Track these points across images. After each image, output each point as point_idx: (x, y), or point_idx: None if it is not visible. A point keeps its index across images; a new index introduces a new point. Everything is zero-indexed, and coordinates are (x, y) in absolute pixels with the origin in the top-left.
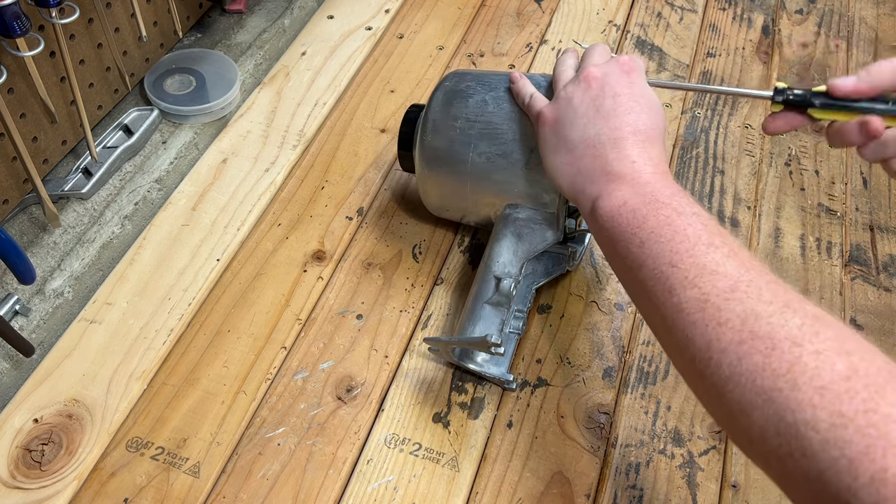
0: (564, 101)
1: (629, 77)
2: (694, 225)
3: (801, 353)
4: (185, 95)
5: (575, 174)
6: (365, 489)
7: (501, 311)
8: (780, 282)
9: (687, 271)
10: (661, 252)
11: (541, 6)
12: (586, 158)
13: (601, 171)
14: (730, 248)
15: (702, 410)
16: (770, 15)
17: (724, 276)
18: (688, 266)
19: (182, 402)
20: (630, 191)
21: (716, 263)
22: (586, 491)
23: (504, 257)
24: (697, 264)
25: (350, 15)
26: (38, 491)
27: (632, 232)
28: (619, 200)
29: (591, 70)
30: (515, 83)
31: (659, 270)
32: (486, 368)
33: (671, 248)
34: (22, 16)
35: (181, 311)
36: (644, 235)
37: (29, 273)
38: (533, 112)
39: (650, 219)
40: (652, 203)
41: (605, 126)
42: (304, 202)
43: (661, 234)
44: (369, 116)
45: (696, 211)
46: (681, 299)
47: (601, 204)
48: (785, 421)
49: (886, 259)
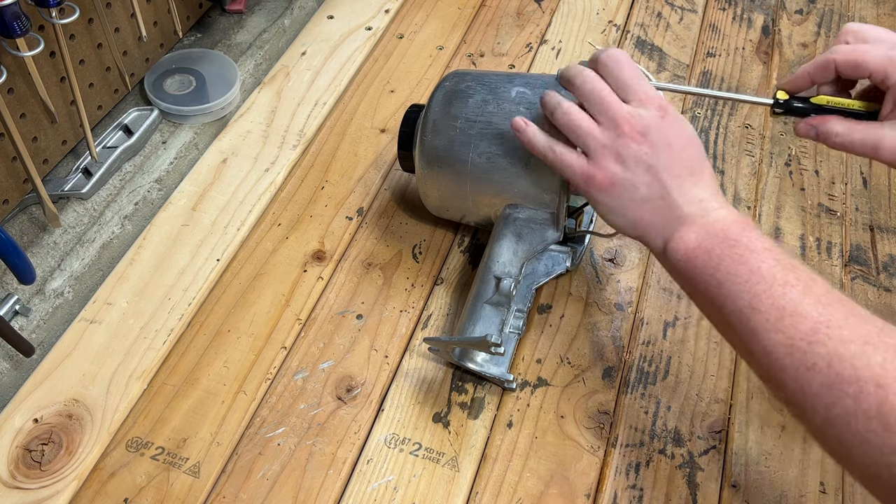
0: (614, 162)
1: (666, 118)
2: (767, 262)
3: (887, 394)
4: (185, 95)
5: (641, 222)
6: (365, 489)
7: (501, 311)
8: (856, 311)
9: (768, 314)
10: (740, 294)
11: (541, 6)
12: (654, 209)
13: (670, 216)
14: (804, 284)
15: (702, 410)
16: (770, 15)
17: (804, 317)
18: (767, 308)
19: (182, 402)
20: (702, 231)
21: (794, 304)
22: (586, 491)
23: (504, 257)
24: (777, 306)
25: (350, 15)
26: (38, 491)
27: (709, 273)
28: (692, 242)
29: (630, 122)
30: (523, 133)
31: (740, 312)
32: (486, 368)
33: (748, 289)
34: (22, 16)
35: (181, 311)
36: (721, 277)
37: (29, 273)
38: (570, 170)
39: (725, 259)
40: (724, 241)
41: (667, 176)
42: (304, 202)
43: (737, 274)
44: (369, 116)
45: (766, 246)
46: (766, 344)
47: (675, 247)
48: (886, 460)
49: (886, 259)
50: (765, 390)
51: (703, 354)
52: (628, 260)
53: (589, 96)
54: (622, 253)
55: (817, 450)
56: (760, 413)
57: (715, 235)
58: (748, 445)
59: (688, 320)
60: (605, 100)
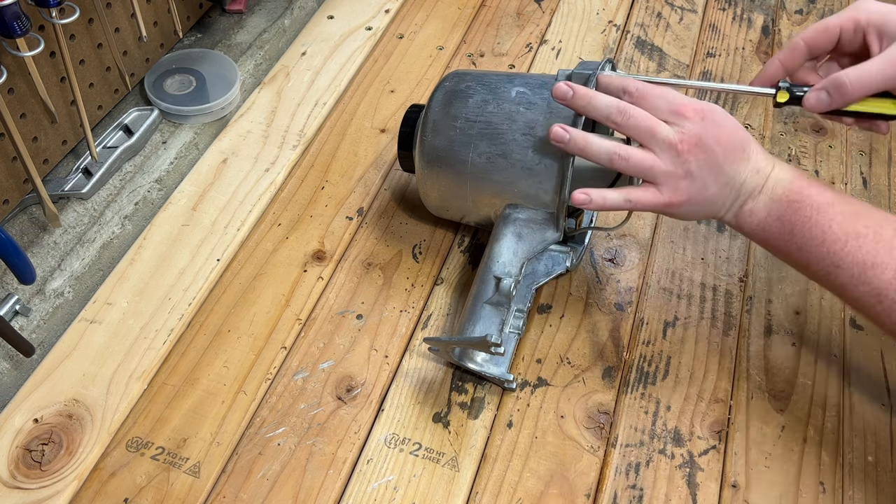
0: (683, 179)
1: (706, 118)
2: (836, 218)
3: None
4: (185, 95)
5: (713, 208)
6: (365, 489)
7: (501, 311)
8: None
9: (850, 270)
10: (821, 256)
11: (541, 6)
12: (722, 195)
13: (737, 195)
14: (873, 231)
15: (702, 410)
16: (770, 15)
17: (884, 267)
18: (849, 265)
19: (182, 402)
20: (767, 199)
21: (872, 256)
22: (586, 491)
23: (504, 257)
24: (857, 262)
25: (350, 15)
26: (38, 491)
27: (786, 239)
28: (761, 213)
29: (684, 141)
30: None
31: (825, 271)
32: (486, 368)
33: (827, 249)
34: (22, 16)
35: (181, 311)
36: (799, 241)
37: (29, 273)
38: (651, 207)
39: (797, 225)
40: (790, 205)
41: (727, 166)
42: (304, 202)
43: (812, 237)
44: (369, 116)
45: (828, 200)
46: (857, 295)
47: (745, 220)
48: None
49: None
50: (765, 390)
51: (703, 354)
52: (628, 260)
53: (639, 131)
54: (622, 253)
55: (817, 450)
56: (760, 413)
57: (779, 201)
58: (748, 445)
59: (688, 320)
60: (656, 131)
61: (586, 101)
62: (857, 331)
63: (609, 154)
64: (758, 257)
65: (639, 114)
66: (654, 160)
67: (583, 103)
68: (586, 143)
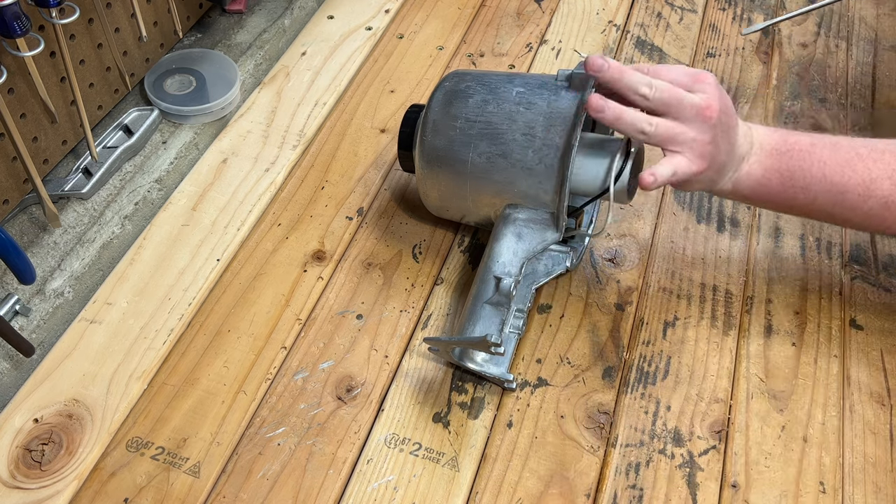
0: (709, 143)
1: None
2: (824, 154)
3: None
4: (185, 95)
5: (715, 176)
6: (365, 489)
7: (501, 311)
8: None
9: (856, 190)
10: (826, 188)
11: (541, 6)
12: (726, 162)
13: (737, 159)
14: (855, 153)
15: (702, 410)
16: (770, 15)
17: (881, 178)
18: (854, 186)
19: (182, 402)
20: (762, 156)
21: (868, 173)
22: (586, 491)
23: (504, 257)
24: (859, 182)
25: (350, 15)
26: (38, 491)
27: (788, 186)
28: (758, 171)
29: (711, 103)
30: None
31: (833, 200)
32: (486, 368)
33: (829, 181)
34: (22, 16)
35: (181, 311)
36: (802, 183)
37: (29, 273)
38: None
39: (795, 171)
40: (782, 156)
41: (732, 131)
42: (304, 202)
43: (812, 176)
44: (369, 116)
45: (809, 141)
46: (865, 210)
47: (744, 182)
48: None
49: (886, 259)
50: (765, 390)
51: (703, 354)
52: (628, 260)
53: (667, 101)
54: (622, 253)
55: (817, 450)
56: (760, 413)
57: (771, 155)
58: (748, 445)
59: (688, 320)
60: (683, 97)
61: (618, 74)
62: (857, 331)
63: (637, 125)
64: (758, 257)
65: (665, 85)
66: (681, 127)
67: (616, 75)
68: (621, 112)
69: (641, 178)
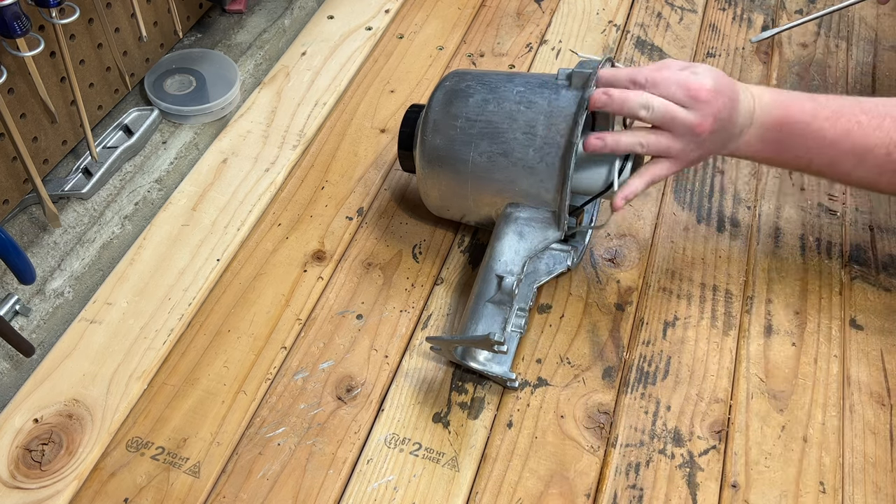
0: (697, 149)
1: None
2: (824, 126)
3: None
4: (185, 95)
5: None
6: (365, 489)
7: (504, 310)
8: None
9: (851, 159)
10: (821, 155)
11: (541, 6)
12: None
13: (736, 134)
14: (856, 122)
15: (702, 410)
16: (770, 15)
17: (876, 147)
18: (848, 155)
19: (182, 402)
20: (760, 129)
21: (863, 141)
22: (586, 491)
23: (506, 256)
24: (855, 151)
25: (350, 15)
26: (38, 491)
27: (784, 152)
28: (757, 143)
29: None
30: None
31: (827, 164)
32: (489, 367)
33: (826, 150)
34: (22, 16)
35: (181, 311)
36: (798, 152)
37: (29, 273)
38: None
39: (795, 140)
40: (782, 128)
41: (731, 123)
42: (304, 202)
43: (808, 146)
44: (369, 116)
45: (810, 111)
46: (858, 176)
47: (742, 151)
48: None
49: (886, 259)
50: (765, 390)
51: (703, 354)
52: (628, 260)
53: (661, 120)
54: (622, 253)
55: (817, 450)
56: (760, 413)
57: (771, 128)
58: (748, 445)
59: (688, 320)
60: (675, 116)
61: (619, 106)
62: (857, 331)
63: (634, 145)
64: (758, 257)
65: (659, 104)
66: (670, 141)
67: (617, 108)
68: (617, 141)
69: (614, 201)
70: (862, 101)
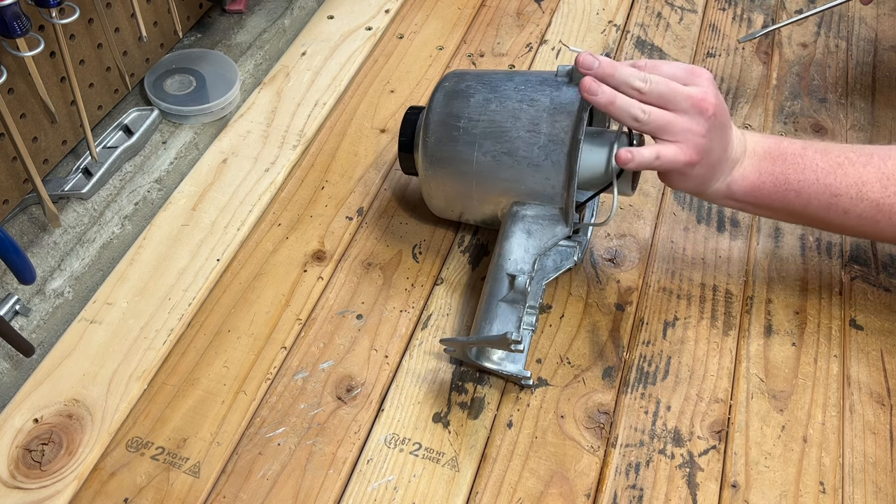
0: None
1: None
2: (815, 157)
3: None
4: (185, 95)
5: (706, 178)
6: (365, 489)
7: (518, 309)
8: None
9: (848, 193)
10: (819, 191)
11: (541, 6)
12: (719, 162)
13: (728, 163)
14: (845, 157)
15: (702, 410)
16: (770, 15)
17: (871, 181)
18: (846, 189)
19: (182, 402)
20: (755, 160)
21: (858, 176)
22: (586, 491)
23: (516, 254)
24: (851, 185)
25: (350, 15)
26: (38, 491)
27: (783, 189)
28: (753, 175)
29: (707, 96)
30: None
31: (826, 203)
32: (504, 366)
33: (822, 184)
34: (22, 16)
35: (181, 311)
36: (796, 187)
37: (29, 273)
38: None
39: (789, 173)
40: (776, 160)
41: (728, 131)
42: (304, 202)
43: (806, 179)
44: (369, 116)
45: (800, 145)
46: (858, 213)
47: (738, 185)
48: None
49: (886, 259)
50: (765, 390)
51: (703, 354)
52: (628, 260)
53: (662, 95)
54: (622, 253)
55: (817, 450)
56: (760, 413)
57: (764, 159)
58: (748, 445)
59: (688, 320)
60: (679, 89)
61: (610, 70)
62: (857, 331)
63: (630, 111)
64: (758, 257)
65: (659, 79)
66: (673, 115)
67: (608, 71)
68: (614, 96)
69: (618, 154)
70: (844, 145)
